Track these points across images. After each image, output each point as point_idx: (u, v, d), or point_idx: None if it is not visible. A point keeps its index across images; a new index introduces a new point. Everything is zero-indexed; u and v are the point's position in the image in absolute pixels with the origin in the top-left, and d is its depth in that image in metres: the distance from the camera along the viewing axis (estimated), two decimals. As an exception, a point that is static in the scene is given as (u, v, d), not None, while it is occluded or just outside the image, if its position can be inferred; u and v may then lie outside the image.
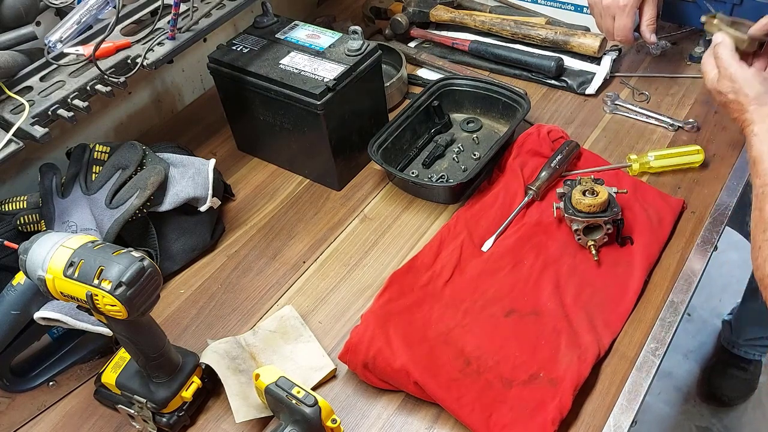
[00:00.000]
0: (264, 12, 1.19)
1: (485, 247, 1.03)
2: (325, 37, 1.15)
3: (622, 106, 1.25)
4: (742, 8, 1.14)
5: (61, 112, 0.97)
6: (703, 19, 1.03)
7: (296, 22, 1.19)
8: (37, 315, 0.85)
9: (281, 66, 1.10)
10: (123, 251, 0.72)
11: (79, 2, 1.04)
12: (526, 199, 1.07)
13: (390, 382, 0.87)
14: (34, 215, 1.01)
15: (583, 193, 0.97)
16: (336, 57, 1.10)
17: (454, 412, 0.83)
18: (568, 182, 1.03)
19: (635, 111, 1.24)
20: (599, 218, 0.97)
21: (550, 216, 1.04)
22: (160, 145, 1.16)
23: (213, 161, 1.08)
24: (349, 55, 1.10)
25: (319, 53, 1.12)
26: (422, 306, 0.94)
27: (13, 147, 0.91)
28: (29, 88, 1.00)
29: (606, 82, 1.31)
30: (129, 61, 1.04)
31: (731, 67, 0.94)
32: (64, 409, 0.92)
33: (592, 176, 1.02)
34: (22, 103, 0.95)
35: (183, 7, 1.08)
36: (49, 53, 1.02)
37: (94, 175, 1.05)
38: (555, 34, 1.34)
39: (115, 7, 0.99)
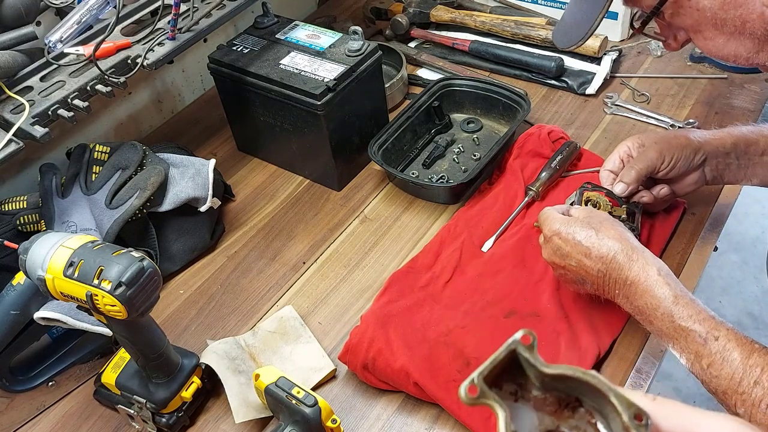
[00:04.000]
0: (264, 12, 1.19)
1: (485, 248, 1.03)
2: (325, 38, 1.15)
3: (623, 107, 1.25)
4: None
5: (61, 112, 0.97)
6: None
7: (296, 22, 1.19)
8: (37, 315, 0.85)
9: (281, 66, 1.10)
10: (123, 251, 0.72)
11: (79, 2, 1.04)
12: (526, 199, 1.07)
13: (390, 382, 0.87)
14: (34, 215, 1.01)
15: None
16: (336, 57, 1.10)
17: (454, 412, 0.83)
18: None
19: (636, 112, 1.24)
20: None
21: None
22: (160, 145, 1.16)
23: (213, 161, 1.08)
24: (349, 56, 1.10)
25: (319, 53, 1.11)
26: (422, 307, 0.94)
27: (13, 147, 0.91)
28: (29, 88, 1.00)
29: (606, 83, 1.31)
30: (129, 61, 1.04)
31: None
32: (63, 410, 0.92)
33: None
34: (22, 103, 0.95)
35: (183, 8, 1.08)
36: (49, 53, 1.02)
37: (94, 175, 1.05)
38: (555, 34, 1.34)
39: (115, 7, 0.99)
